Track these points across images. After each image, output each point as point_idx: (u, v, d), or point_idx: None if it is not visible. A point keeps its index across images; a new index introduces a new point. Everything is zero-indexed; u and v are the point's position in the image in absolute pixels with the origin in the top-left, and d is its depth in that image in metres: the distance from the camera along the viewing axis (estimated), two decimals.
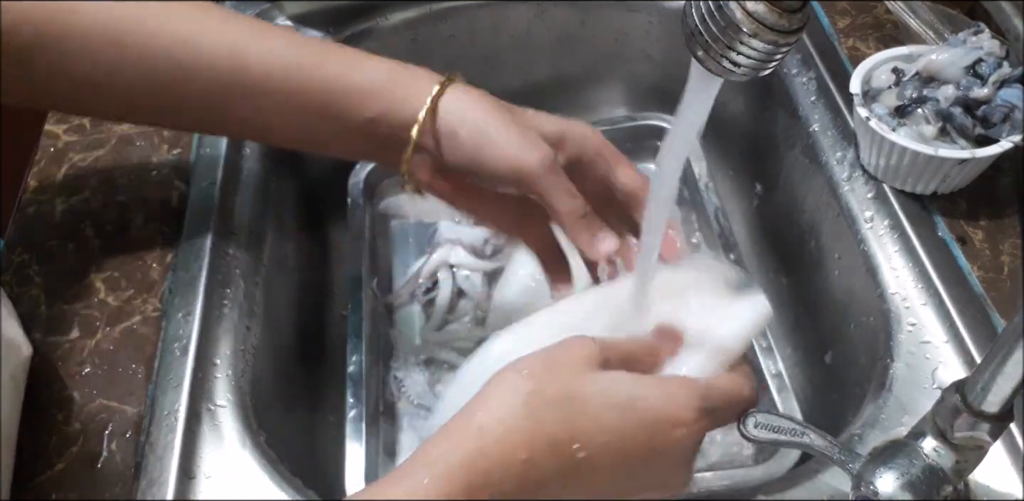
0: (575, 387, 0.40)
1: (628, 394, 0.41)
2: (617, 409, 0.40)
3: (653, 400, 0.41)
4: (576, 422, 0.39)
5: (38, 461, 0.52)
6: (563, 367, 0.41)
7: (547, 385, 0.40)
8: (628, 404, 0.41)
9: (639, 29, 0.85)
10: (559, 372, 0.40)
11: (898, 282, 0.59)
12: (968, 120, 0.58)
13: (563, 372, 0.41)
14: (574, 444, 0.39)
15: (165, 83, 0.52)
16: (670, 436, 0.41)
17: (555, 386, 0.40)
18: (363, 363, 0.70)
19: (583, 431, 0.39)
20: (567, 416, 0.39)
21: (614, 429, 0.40)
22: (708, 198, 0.80)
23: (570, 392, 0.40)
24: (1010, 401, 0.40)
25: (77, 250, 0.62)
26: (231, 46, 0.52)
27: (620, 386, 0.41)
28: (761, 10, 0.37)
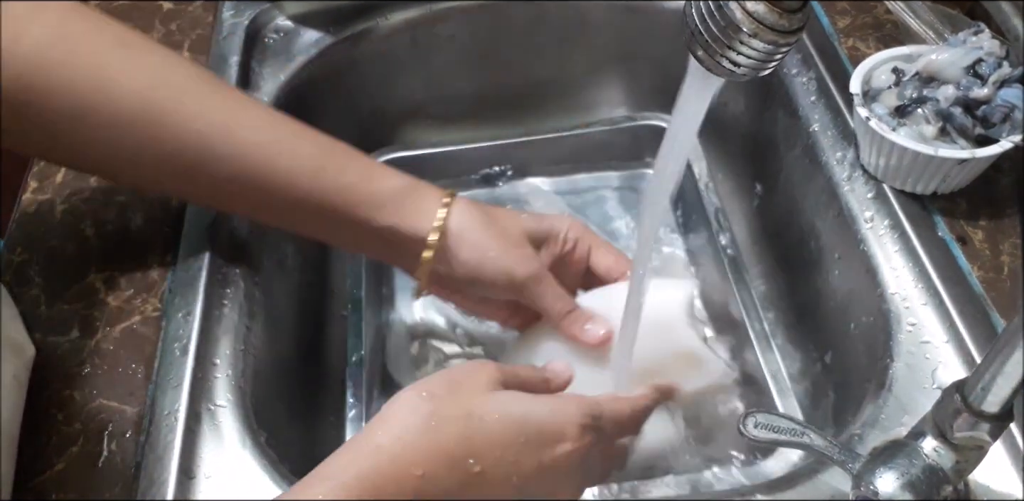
0: (474, 405, 0.42)
1: (521, 410, 0.43)
2: (510, 424, 0.42)
3: (543, 415, 0.44)
4: (473, 438, 0.41)
5: (38, 461, 0.52)
6: (463, 387, 0.43)
7: (446, 404, 0.42)
8: (521, 419, 0.43)
9: (639, 29, 0.85)
10: (459, 392, 0.43)
11: (898, 282, 0.59)
12: (968, 120, 0.58)
13: (463, 392, 0.43)
14: (470, 459, 0.41)
15: (190, 165, 0.54)
16: (556, 450, 0.44)
17: (454, 405, 0.42)
18: (363, 363, 0.70)
19: (479, 446, 0.41)
20: (464, 432, 0.41)
21: (507, 443, 0.42)
22: (708, 198, 0.80)
23: (468, 410, 0.42)
24: (1010, 401, 0.40)
25: (77, 250, 0.62)
26: (264, 140, 0.54)
27: (515, 402, 0.44)
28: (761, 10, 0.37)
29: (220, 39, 0.76)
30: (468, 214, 0.58)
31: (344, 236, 0.60)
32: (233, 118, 0.54)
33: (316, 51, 0.78)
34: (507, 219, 0.60)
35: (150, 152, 0.53)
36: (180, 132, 0.52)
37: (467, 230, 0.57)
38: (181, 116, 0.52)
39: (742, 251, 0.76)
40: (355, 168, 0.57)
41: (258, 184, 0.54)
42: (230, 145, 0.53)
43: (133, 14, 0.78)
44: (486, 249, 0.58)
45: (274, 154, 0.54)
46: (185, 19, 0.78)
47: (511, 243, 0.58)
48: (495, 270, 0.58)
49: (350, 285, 0.76)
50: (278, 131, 0.56)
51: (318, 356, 0.71)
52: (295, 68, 0.76)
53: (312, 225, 0.60)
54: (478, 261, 0.58)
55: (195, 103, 0.53)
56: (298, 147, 0.55)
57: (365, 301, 0.75)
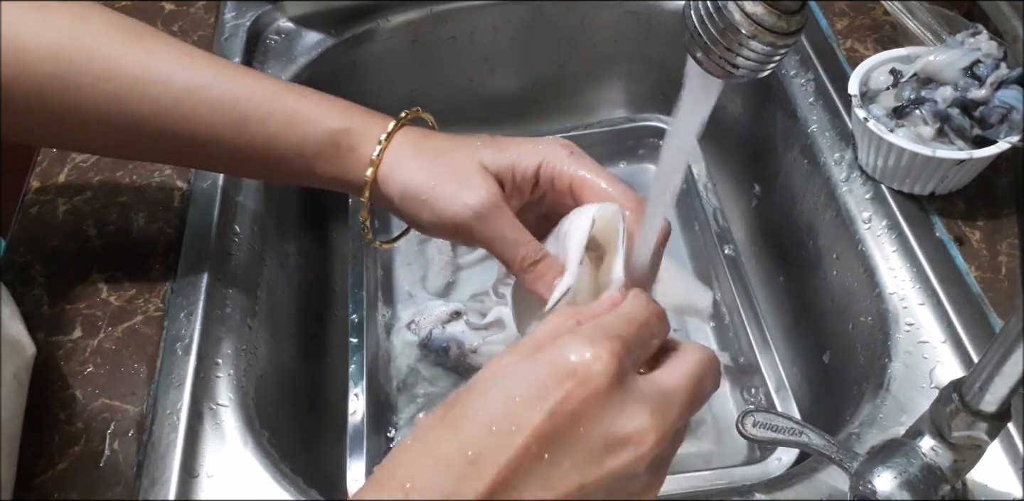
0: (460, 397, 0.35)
1: (497, 369, 0.36)
2: (487, 388, 0.35)
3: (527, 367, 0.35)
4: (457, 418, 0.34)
5: (40, 460, 0.52)
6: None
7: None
8: (492, 377, 0.35)
9: (639, 29, 0.85)
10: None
11: (896, 282, 0.59)
12: (966, 121, 0.59)
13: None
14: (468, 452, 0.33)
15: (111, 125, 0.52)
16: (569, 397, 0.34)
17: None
18: (364, 362, 0.70)
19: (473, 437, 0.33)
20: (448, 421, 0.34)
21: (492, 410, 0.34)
22: (707, 198, 0.80)
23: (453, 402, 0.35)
24: (1007, 401, 0.40)
25: (79, 250, 0.62)
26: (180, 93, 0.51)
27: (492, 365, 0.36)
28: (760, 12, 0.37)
29: (222, 40, 0.77)
30: (405, 150, 0.50)
31: (292, 181, 0.56)
32: (146, 73, 0.50)
33: (317, 52, 0.78)
34: (456, 150, 0.50)
35: (71, 116, 0.51)
36: (92, 93, 0.50)
37: (399, 169, 0.50)
38: (91, 77, 0.50)
39: (741, 251, 0.77)
40: (279, 115, 0.51)
41: (183, 140, 0.52)
42: (146, 104, 0.50)
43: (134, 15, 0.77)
44: (420, 189, 0.49)
45: (192, 108, 0.51)
46: (187, 20, 0.79)
47: (452, 177, 0.49)
48: (431, 212, 0.49)
49: (351, 285, 0.77)
50: (196, 78, 0.51)
51: (319, 355, 0.71)
52: (296, 69, 0.77)
53: (257, 174, 0.58)
54: (413, 204, 0.50)
55: (106, 60, 0.50)
56: (218, 97, 0.51)
57: (366, 301, 0.75)
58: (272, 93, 0.52)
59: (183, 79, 0.51)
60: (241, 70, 0.54)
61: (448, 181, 0.49)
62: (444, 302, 0.77)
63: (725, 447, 0.69)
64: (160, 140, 0.52)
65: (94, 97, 0.50)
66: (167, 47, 0.52)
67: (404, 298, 0.81)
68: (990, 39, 0.61)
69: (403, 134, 0.51)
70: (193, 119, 0.51)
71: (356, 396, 0.69)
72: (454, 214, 0.48)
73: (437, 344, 0.75)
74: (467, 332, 0.74)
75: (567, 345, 0.35)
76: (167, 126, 0.51)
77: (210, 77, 0.51)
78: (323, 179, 0.53)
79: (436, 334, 0.75)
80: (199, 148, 0.52)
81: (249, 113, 0.51)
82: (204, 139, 0.52)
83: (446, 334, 0.75)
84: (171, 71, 0.51)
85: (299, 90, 0.53)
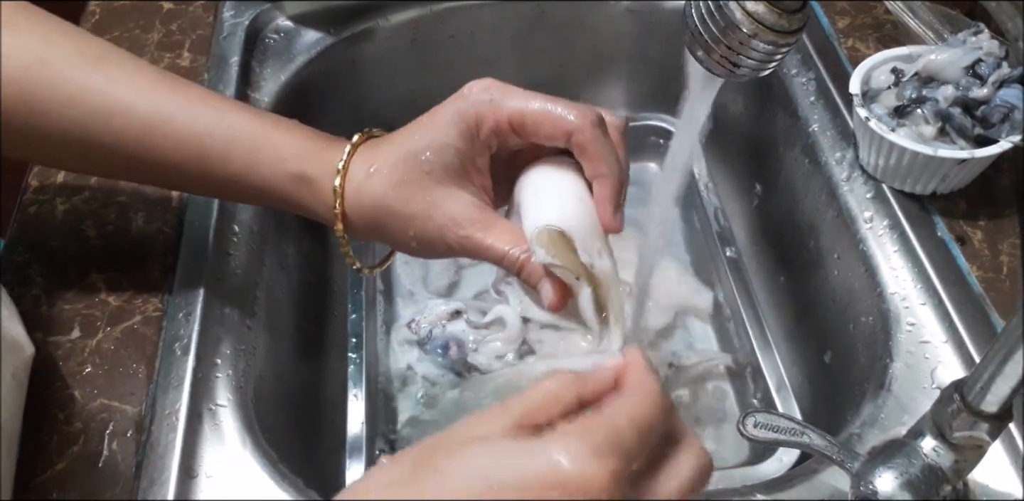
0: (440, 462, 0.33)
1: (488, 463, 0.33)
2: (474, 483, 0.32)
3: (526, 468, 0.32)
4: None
5: (39, 460, 0.52)
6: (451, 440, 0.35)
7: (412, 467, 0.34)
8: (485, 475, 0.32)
9: (639, 29, 0.85)
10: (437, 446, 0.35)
11: (897, 282, 0.59)
12: (967, 120, 0.59)
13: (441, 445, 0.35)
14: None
15: (77, 149, 0.52)
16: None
17: (417, 465, 0.34)
18: (364, 363, 0.70)
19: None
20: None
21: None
22: (708, 198, 0.80)
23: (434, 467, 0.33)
24: (1009, 401, 0.40)
25: (78, 250, 0.62)
26: (144, 124, 0.51)
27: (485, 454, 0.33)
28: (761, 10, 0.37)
29: (220, 39, 0.77)
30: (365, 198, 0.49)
31: (253, 204, 0.57)
32: (109, 103, 0.50)
33: (316, 51, 0.78)
34: (410, 176, 0.48)
35: (36, 138, 0.51)
36: (57, 118, 0.50)
37: (369, 222, 0.50)
38: (55, 103, 0.50)
39: (742, 251, 0.77)
40: (237, 154, 0.51)
41: (151, 167, 0.52)
42: (109, 133, 0.51)
43: (133, 14, 0.78)
44: (402, 236, 0.49)
45: (155, 141, 0.51)
46: (185, 19, 0.78)
47: (423, 214, 0.48)
48: (427, 250, 0.50)
49: (351, 285, 0.76)
50: (159, 111, 0.51)
51: (319, 355, 0.71)
52: (295, 68, 0.76)
53: (226, 199, 0.59)
54: (405, 247, 0.51)
55: (70, 86, 0.50)
56: (179, 131, 0.51)
57: (365, 301, 0.75)
58: (233, 129, 0.51)
59: (145, 111, 0.51)
60: (205, 101, 0.52)
61: (422, 224, 0.49)
62: (445, 301, 0.77)
63: (726, 447, 0.68)
64: (125, 165, 0.53)
65: (58, 122, 0.50)
66: (132, 75, 0.52)
67: (405, 297, 0.81)
68: (992, 38, 0.61)
69: (356, 170, 0.50)
70: (157, 151, 0.51)
71: (355, 396, 0.69)
72: (443, 251, 0.49)
73: (437, 343, 0.74)
74: (467, 331, 0.74)
75: (569, 448, 0.32)
76: (133, 154, 0.51)
77: (172, 109, 0.51)
78: (293, 209, 0.53)
79: (436, 333, 0.75)
80: (168, 175, 0.53)
81: (210, 150, 0.51)
82: (172, 169, 0.52)
83: (446, 333, 0.75)
84: (133, 101, 0.51)
85: (260, 122, 0.52)
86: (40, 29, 0.51)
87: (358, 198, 0.50)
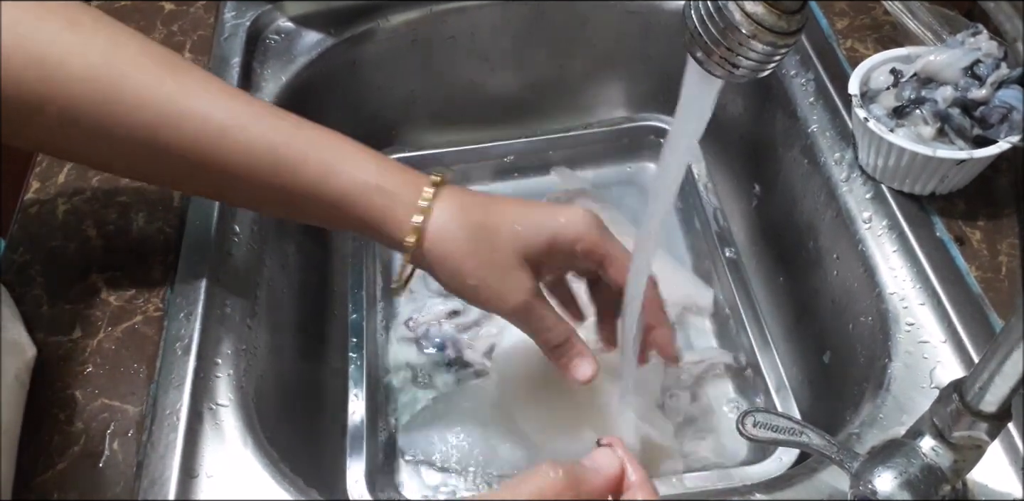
0: None
1: None
2: None
3: None
4: None
5: (40, 460, 0.52)
6: None
7: None
8: None
9: (639, 29, 0.85)
10: None
11: (896, 282, 0.59)
12: (966, 121, 0.59)
13: None
14: None
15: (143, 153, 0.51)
16: None
17: None
18: (364, 362, 0.70)
19: None
20: None
21: None
22: (707, 198, 0.80)
23: None
24: (1008, 401, 0.40)
25: (79, 250, 0.62)
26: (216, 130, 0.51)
27: None
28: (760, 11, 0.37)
29: (221, 40, 0.77)
30: (450, 225, 0.52)
31: (320, 225, 0.58)
32: (182, 108, 0.50)
33: (317, 52, 0.78)
34: (499, 232, 0.52)
35: (101, 138, 0.51)
36: (126, 120, 0.50)
37: (445, 251, 0.52)
38: (124, 105, 0.50)
39: (741, 251, 0.77)
40: (314, 162, 0.51)
41: (214, 175, 0.52)
42: (180, 137, 0.50)
43: (134, 15, 0.79)
44: (466, 275, 0.52)
45: (227, 146, 0.51)
46: (186, 20, 0.79)
47: (497, 268, 0.52)
48: (477, 298, 0.53)
49: (351, 285, 0.77)
50: (233, 118, 0.51)
51: (319, 355, 0.71)
52: (296, 69, 0.77)
53: (284, 214, 0.59)
54: (459, 285, 0.53)
55: (141, 89, 0.50)
56: (254, 139, 0.51)
57: (366, 301, 0.75)
58: (310, 141, 0.52)
59: (219, 118, 0.51)
60: (279, 115, 0.53)
61: (491, 273, 0.52)
62: (443, 300, 0.77)
63: (725, 447, 0.69)
64: (190, 172, 0.52)
65: (127, 124, 0.50)
66: (202, 82, 0.52)
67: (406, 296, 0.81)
68: (990, 39, 0.61)
69: (445, 203, 0.52)
70: (227, 158, 0.51)
71: (356, 396, 0.69)
72: (501, 307, 0.53)
73: (434, 342, 0.75)
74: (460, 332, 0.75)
75: None
76: (201, 161, 0.51)
77: (247, 118, 0.51)
78: (355, 230, 0.54)
79: (433, 332, 0.75)
80: (230, 184, 0.52)
81: (285, 159, 0.51)
82: (236, 177, 0.51)
83: (443, 332, 0.75)
84: (207, 108, 0.51)
85: (336, 139, 0.53)
86: (106, 31, 0.51)
87: (441, 224, 0.51)
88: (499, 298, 0.53)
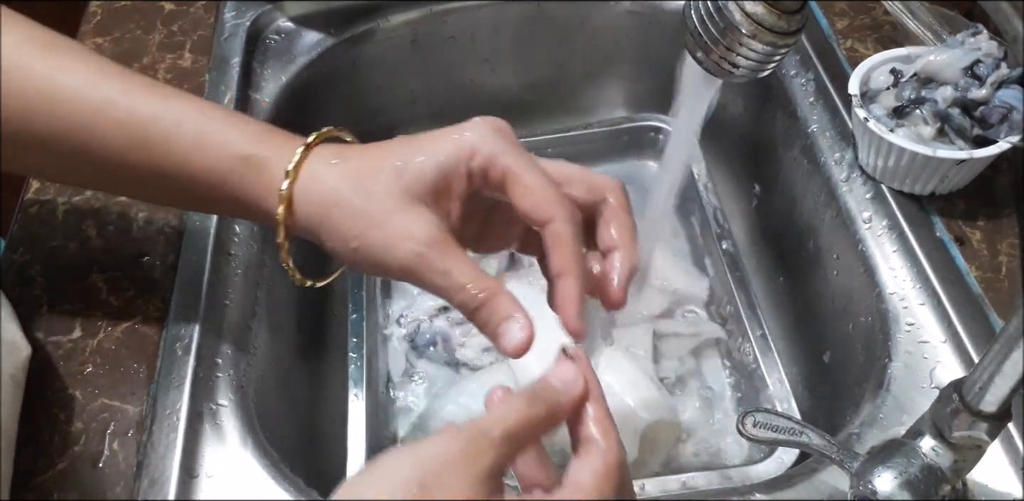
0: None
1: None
2: None
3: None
4: None
5: (40, 460, 0.52)
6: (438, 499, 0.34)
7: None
8: None
9: (639, 29, 0.85)
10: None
11: (896, 282, 0.59)
12: (966, 121, 0.59)
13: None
14: None
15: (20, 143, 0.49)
16: None
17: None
18: (364, 362, 0.70)
19: None
20: None
21: None
22: (707, 198, 0.80)
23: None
24: (1008, 401, 0.40)
25: (79, 250, 0.62)
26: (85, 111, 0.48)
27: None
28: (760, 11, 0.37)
29: (221, 40, 0.77)
30: (318, 184, 0.45)
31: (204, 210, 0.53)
32: (55, 89, 0.48)
33: (317, 52, 0.78)
34: (378, 176, 0.44)
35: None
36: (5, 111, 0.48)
37: (318, 214, 0.45)
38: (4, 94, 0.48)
39: (741, 251, 0.77)
40: (184, 138, 0.47)
41: (94, 161, 0.49)
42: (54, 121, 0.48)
43: (135, 15, 0.78)
44: (347, 237, 0.44)
45: (98, 127, 0.48)
46: (186, 20, 0.79)
47: (376, 219, 0.43)
48: (369, 264, 0.44)
49: (350, 285, 0.77)
50: (104, 97, 0.48)
51: (319, 355, 0.71)
52: (296, 69, 0.77)
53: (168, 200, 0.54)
54: (347, 252, 0.45)
55: (17, 73, 0.48)
56: (125, 116, 0.48)
57: (365, 301, 0.75)
58: (179, 114, 0.48)
59: (90, 96, 0.48)
60: (153, 88, 0.50)
61: (370, 227, 0.43)
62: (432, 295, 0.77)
63: (725, 447, 0.69)
64: (72, 161, 0.50)
65: (6, 115, 0.48)
66: (78, 62, 0.50)
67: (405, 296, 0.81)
68: (990, 39, 0.61)
69: (315, 160, 0.46)
70: (100, 139, 0.48)
71: (356, 396, 0.69)
72: (384, 269, 0.44)
73: (424, 339, 0.75)
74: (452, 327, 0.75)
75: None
76: (77, 146, 0.49)
77: (118, 95, 0.48)
78: (233, 209, 0.49)
79: (424, 328, 0.75)
80: (109, 170, 0.50)
81: (154, 134, 0.48)
82: (112, 160, 0.49)
83: (433, 328, 0.75)
84: (79, 87, 0.48)
85: (210, 111, 0.49)
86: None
87: (311, 184, 0.45)
88: (385, 254, 0.43)
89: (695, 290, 0.77)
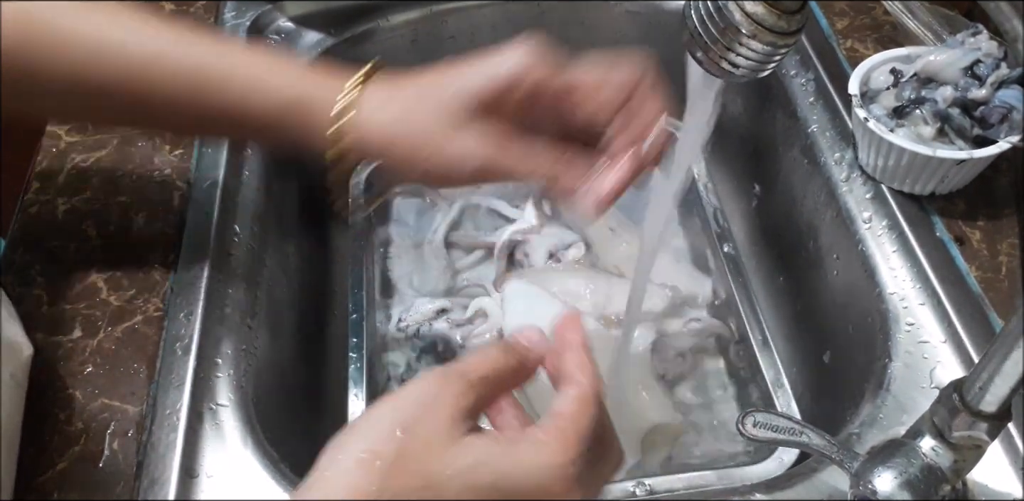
0: (431, 471, 0.36)
1: (492, 475, 0.36)
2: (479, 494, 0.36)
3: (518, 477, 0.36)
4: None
5: (40, 460, 0.52)
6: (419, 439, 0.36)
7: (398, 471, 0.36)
8: (492, 487, 0.36)
9: (639, 29, 0.85)
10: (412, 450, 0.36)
11: (896, 282, 0.59)
12: (966, 121, 0.59)
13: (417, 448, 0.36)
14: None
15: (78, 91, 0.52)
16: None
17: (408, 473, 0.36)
18: (364, 362, 0.70)
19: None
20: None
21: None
22: (707, 198, 0.80)
23: (426, 479, 0.35)
24: (1008, 401, 0.40)
25: (79, 250, 0.62)
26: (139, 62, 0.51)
27: (482, 467, 0.36)
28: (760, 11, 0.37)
29: None
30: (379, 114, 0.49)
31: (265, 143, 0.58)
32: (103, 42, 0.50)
33: (317, 52, 0.78)
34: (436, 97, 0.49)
35: (36, 83, 0.51)
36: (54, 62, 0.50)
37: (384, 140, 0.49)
38: (52, 46, 0.50)
39: (741, 251, 0.77)
40: (237, 82, 0.51)
41: (148, 106, 0.52)
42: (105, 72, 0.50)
43: None
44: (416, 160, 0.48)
45: (151, 76, 0.50)
46: (187, 20, 0.79)
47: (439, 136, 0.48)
48: (445, 179, 0.50)
49: (351, 285, 0.76)
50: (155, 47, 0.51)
51: (319, 355, 0.71)
52: None
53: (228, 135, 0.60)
54: (418, 172, 0.50)
55: (65, 28, 0.50)
56: (175, 65, 0.51)
57: (365, 301, 0.75)
58: (231, 59, 0.51)
59: (140, 47, 0.51)
60: (201, 37, 0.52)
61: (437, 144, 0.48)
62: (431, 299, 0.77)
63: (725, 447, 0.69)
64: (124, 106, 0.52)
65: (57, 65, 0.50)
66: (123, 17, 0.52)
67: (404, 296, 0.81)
68: (990, 39, 0.61)
69: (368, 95, 0.50)
70: (153, 87, 0.51)
71: (356, 396, 0.69)
72: (458, 178, 0.49)
73: (425, 341, 0.75)
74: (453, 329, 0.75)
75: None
76: (129, 93, 0.51)
77: (167, 44, 0.51)
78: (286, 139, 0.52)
79: (424, 331, 0.75)
80: (164, 113, 0.53)
81: (208, 81, 0.51)
82: (167, 105, 0.51)
83: (433, 331, 0.75)
84: (125, 41, 0.51)
85: (261, 54, 0.53)
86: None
87: (368, 119, 0.49)
88: (450, 172, 0.49)
89: (695, 290, 0.77)
